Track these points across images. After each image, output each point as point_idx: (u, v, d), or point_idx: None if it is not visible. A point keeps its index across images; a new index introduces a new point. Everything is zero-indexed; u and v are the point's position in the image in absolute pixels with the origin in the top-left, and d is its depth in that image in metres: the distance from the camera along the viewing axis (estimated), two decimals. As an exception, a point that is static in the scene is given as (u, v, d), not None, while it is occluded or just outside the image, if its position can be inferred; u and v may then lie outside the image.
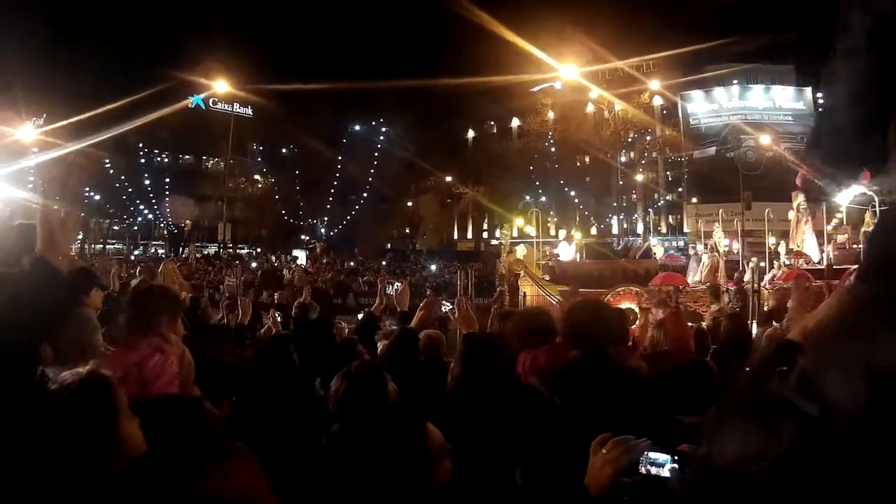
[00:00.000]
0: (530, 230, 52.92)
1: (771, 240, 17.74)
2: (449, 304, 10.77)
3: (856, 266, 14.23)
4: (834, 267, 14.65)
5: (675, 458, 1.86)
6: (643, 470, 1.90)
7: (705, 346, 6.15)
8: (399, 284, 7.07)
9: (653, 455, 1.90)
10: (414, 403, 2.97)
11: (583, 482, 1.98)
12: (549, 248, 16.21)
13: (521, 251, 15.59)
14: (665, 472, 1.87)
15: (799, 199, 17.83)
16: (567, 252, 16.89)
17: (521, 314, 3.75)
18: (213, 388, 3.63)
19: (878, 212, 16.34)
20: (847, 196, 17.11)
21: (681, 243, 40.90)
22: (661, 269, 15.10)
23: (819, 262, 16.09)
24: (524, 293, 13.13)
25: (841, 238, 17.60)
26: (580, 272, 14.25)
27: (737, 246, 18.06)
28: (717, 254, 14.87)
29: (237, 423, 3.20)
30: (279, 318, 7.23)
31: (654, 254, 17.28)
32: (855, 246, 17.18)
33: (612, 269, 13.84)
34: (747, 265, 16.43)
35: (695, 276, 14.69)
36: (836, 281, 12.90)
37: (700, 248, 15.64)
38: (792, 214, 17.57)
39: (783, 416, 1.17)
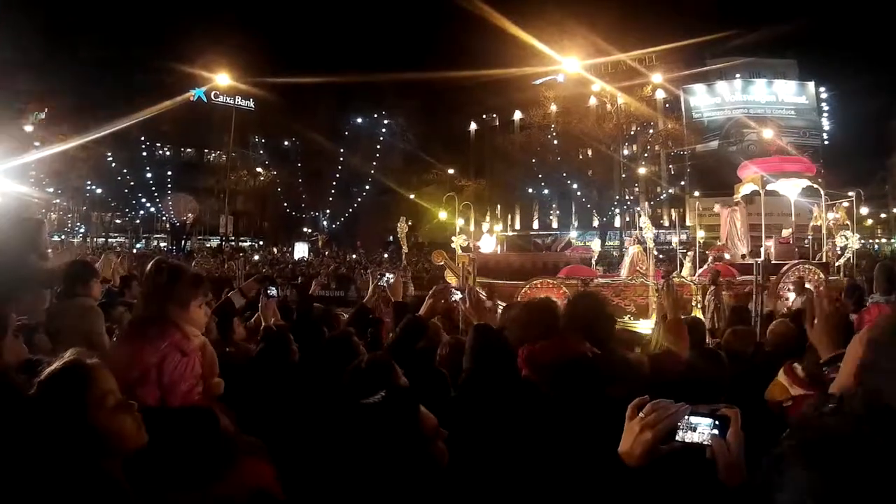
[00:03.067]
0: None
1: (700, 233, 17.64)
2: (459, 293, 10.80)
3: (800, 261, 13.98)
4: (773, 262, 14.49)
5: (717, 423, 1.69)
6: (681, 437, 1.72)
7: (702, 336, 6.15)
8: (391, 275, 7.06)
9: (693, 419, 1.73)
10: (417, 391, 2.98)
11: (616, 454, 1.88)
12: (473, 242, 16.37)
13: (457, 242, 15.65)
14: (706, 439, 1.69)
15: (741, 191, 17.68)
16: (489, 244, 17.05)
17: (524, 306, 3.72)
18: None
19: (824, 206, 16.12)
20: (795, 190, 16.88)
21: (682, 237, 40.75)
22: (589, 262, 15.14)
23: (756, 257, 15.90)
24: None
25: (785, 232, 17.39)
26: (500, 264, 14.48)
27: (674, 239, 17.98)
28: (639, 246, 14.76)
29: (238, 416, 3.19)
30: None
31: (571, 247, 17.42)
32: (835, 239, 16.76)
33: (532, 262, 14.05)
34: (684, 259, 16.39)
35: (624, 270, 14.59)
36: (773, 277, 12.82)
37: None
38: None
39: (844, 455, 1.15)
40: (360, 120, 61.40)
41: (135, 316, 3.40)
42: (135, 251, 41.09)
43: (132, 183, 52.63)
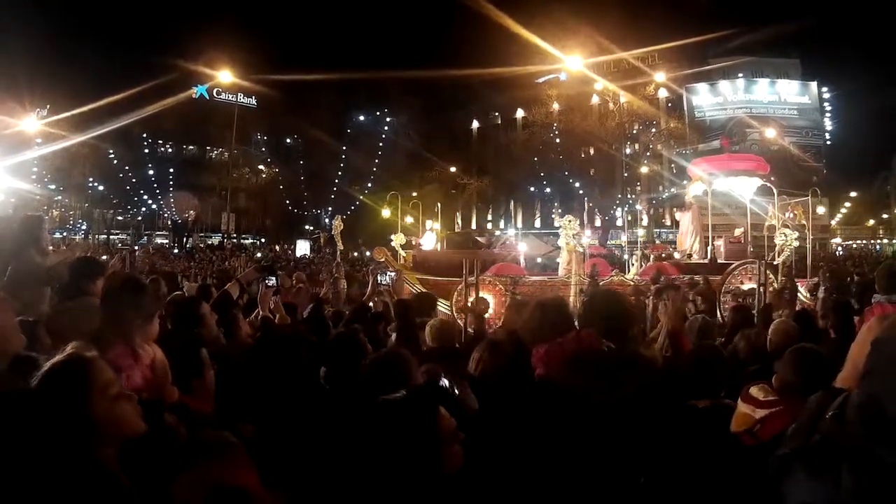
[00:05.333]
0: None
1: (640, 232, 17.57)
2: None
3: (747, 260, 13.79)
4: (720, 262, 14.42)
5: None
6: None
7: (711, 336, 6.13)
8: (393, 274, 7.13)
9: None
10: (430, 389, 2.99)
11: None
12: (415, 239, 16.69)
13: (396, 241, 15.89)
14: None
15: (691, 190, 17.56)
16: (429, 241, 17.62)
17: (538, 304, 3.70)
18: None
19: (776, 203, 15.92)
20: (750, 189, 16.73)
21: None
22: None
23: (702, 256, 15.86)
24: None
25: (738, 231, 17.24)
26: (440, 261, 14.79)
27: (624, 238, 17.84)
28: (569, 245, 14.82)
29: (241, 413, 3.18)
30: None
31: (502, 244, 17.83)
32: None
33: (471, 259, 14.30)
34: (633, 259, 16.37)
35: (561, 268, 14.62)
36: (719, 277, 12.74)
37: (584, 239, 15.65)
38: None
39: (849, 466, 1.05)
40: (362, 118, 61.36)
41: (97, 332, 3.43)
42: (136, 248, 41.13)
43: (134, 180, 52.65)
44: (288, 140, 60.68)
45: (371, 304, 8.40)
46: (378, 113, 60.87)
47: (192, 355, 3.22)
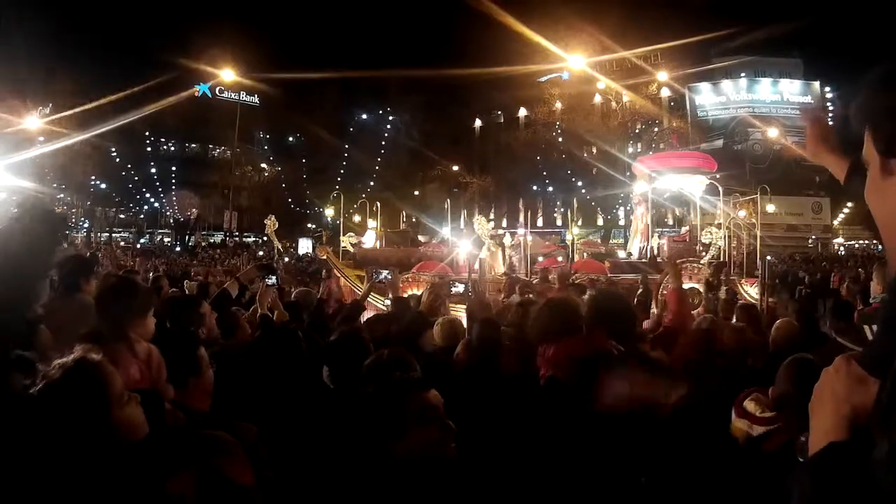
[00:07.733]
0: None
1: (575, 231, 17.75)
2: (461, 284, 11.28)
3: (687, 259, 13.68)
4: (660, 260, 14.45)
5: None
6: None
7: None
8: (388, 272, 7.22)
9: None
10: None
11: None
12: (358, 237, 17.18)
13: (346, 241, 16.20)
14: None
15: (636, 189, 17.56)
16: (370, 239, 18.83)
17: (546, 303, 3.68)
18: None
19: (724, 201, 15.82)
20: (699, 187, 16.70)
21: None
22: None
23: (641, 255, 15.97)
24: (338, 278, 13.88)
25: (683, 230, 17.27)
26: (379, 258, 15.54)
27: (569, 237, 18.03)
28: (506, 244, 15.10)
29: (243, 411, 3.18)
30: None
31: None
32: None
33: (408, 256, 15.19)
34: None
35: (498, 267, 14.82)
36: (657, 275, 12.71)
37: (508, 239, 15.85)
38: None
39: None
40: (364, 116, 61.29)
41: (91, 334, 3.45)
42: (138, 246, 41.18)
43: (136, 178, 52.64)
44: (290, 138, 60.66)
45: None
46: (380, 111, 60.80)
47: (189, 353, 3.21)
